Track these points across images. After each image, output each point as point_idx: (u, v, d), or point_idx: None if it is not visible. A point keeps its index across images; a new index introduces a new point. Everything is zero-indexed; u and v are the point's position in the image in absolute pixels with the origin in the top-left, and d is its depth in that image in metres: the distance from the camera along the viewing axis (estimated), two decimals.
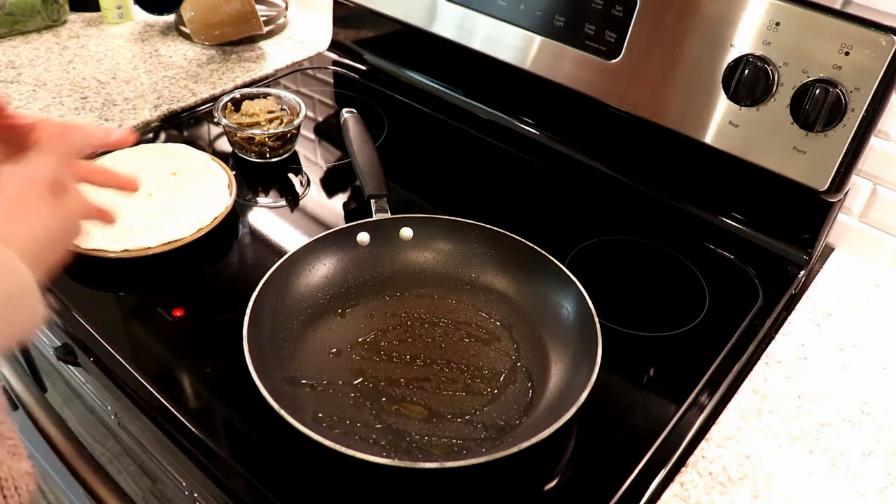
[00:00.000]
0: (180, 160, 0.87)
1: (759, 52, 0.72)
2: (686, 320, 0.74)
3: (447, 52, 1.01)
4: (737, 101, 0.75)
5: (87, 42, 1.21)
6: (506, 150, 1.00)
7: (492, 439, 0.60)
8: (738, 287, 0.79)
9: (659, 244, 0.85)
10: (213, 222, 0.78)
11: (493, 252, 0.76)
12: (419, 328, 0.70)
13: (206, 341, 0.69)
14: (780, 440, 0.63)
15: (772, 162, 0.76)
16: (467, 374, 0.66)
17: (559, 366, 0.66)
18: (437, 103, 1.08)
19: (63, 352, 0.72)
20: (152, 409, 0.62)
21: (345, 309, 0.72)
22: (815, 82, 0.69)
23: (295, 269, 0.71)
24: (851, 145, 0.71)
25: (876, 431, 0.65)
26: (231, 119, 0.93)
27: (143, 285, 0.74)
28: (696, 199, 0.88)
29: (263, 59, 1.18)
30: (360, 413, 0.62)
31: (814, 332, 0.75)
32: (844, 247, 0.87)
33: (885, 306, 0.79)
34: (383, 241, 0.77)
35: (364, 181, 0.84)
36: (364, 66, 1.16)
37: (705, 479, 0.60)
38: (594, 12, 0.82)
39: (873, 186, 0.82)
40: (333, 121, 1.03)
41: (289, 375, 0.64)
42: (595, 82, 0.86)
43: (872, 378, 0.70)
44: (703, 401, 0.66)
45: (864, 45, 0.67)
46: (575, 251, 0.82)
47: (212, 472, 0.58)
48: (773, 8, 0.71)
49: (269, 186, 0.91)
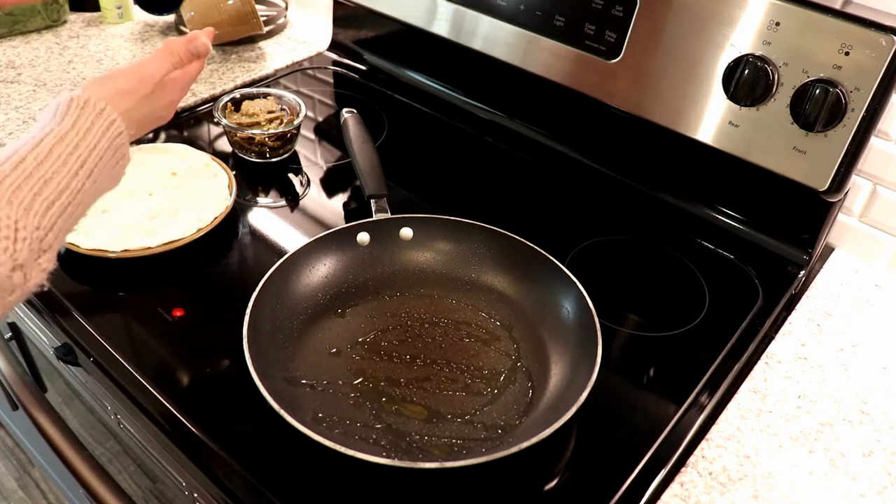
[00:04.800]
0: (180, 160, 0.87)
1: (759, 52, 0.72)
2: (686, 320, 0.74)
3: (447, 52, 1.01)
4: (737, 101, 0.75)
5: (87, 42, 1.21)
6: (506, 150, 1.00)
7: (492, 439, 0.60)
8: (738, 287, 0.79)
9: (659, 244, 0.85)
10: (213, 222, 0.78)
11: (493, 252, 0.76)
12: (419, 328, 0.70)
13: (206, 341, 0.68)
14: (780, 440, 0.63)
15: (772, 162, 0.76)
16: (467, 374, 0.66)
17: (559, 366, 0.66)
18: (437, 103, 1.08)
19: (63, 352, 0.72)
20: (152, 409, 0.62)
21: (345, 309, 0.72)
22: (815, 82, 0.70)
23: (295, 269, 0.71)
24: (851, 145, 0.71)
25: (876, 431, 0.65)
26: (231, 119, 0.93)
27: (143, 285, 0.74)
28: (696, 199, 0.88)
29: (263, 59, 1.18)
30: (360, 413, 0.62)
31: (814, 332, 0.75)
32: (844, 247, 0.87)
33: (885, 306, 0.79)
34: (383, 241, 0.77)
35: (364, 181, 0.84)
36: (364, 66, 1.16)
37: (705, 479, 0.60)
38: (594, 12, 0.82)
39: (873, 186, 0.82)
40: (333, 121, 1.03)
41: (289, 375, 0.64)
42: (595, 82, 0.86)
43: (872, 378, 0.70)
44: (703, 401, 0.66)
45: (864, 45, 0.67)
46: (575, 251, 0.82)
47: (212, 472, 0.58)
48: (773, 8, 0.71)
49: (269, 186, 0.91)
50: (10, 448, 1.54)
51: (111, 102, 0.54)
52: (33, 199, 0.45)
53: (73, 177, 0.48)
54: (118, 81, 0.58)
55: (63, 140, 0.49)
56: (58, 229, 0.47)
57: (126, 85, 0.58)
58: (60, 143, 0.49)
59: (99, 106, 0.52)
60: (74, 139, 0.49)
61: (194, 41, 0.65)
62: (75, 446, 0.76)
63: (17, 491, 1.47)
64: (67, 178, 0.48)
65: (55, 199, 0.47)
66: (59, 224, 0.47)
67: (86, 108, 0.51)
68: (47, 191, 0.46)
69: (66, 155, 0.48)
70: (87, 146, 0.50)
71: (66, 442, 0.76)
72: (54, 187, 0.47)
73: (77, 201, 0.49)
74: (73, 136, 0.49)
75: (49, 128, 0.49)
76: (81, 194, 0.49)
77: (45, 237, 0.46)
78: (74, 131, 0.50)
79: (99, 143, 0.51)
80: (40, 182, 0.46)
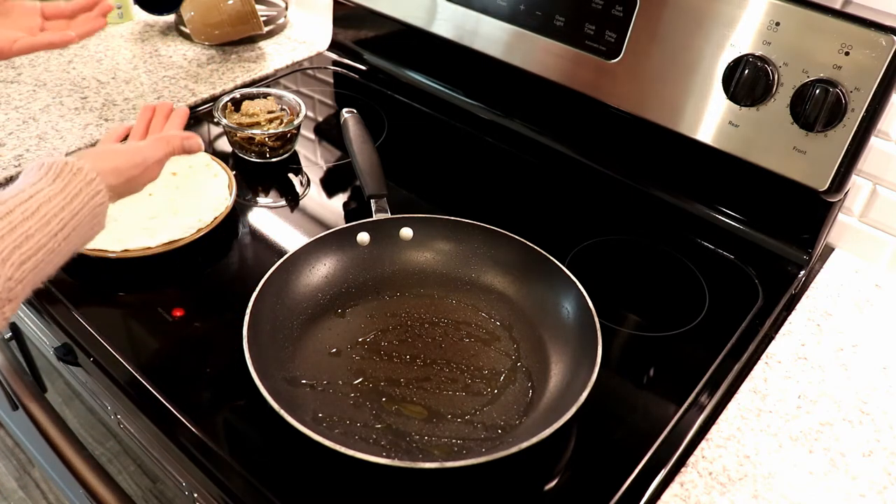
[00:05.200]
0: (180, 160, 0.86)
1: (759, 52, 0.72)
2: (686, 320, 0.74)
3: (447, 52, 1.01)
4: (737, 101, 0.75)
5: (87, 42, 1.21)
6: (506, 150, 1.00)
7: (492, 439, 0.60)
8: (738, 287, 0.79)
9: (659, 244, 0.85)
10: (213, 222, 0.78)
11: (493, 252, 0.76)
12: (419, 328, 0.70)
13: (206, 341, 0.69)
14: (780, 440, 0.63)
15: (772, 162, 0.76)
16: (467, 374, 0.66)
17: (559, 366, 0.66)
18: (437, 103, 1.08)
19: (63, 352, 0.72)
20: (152, 409, 0.62)
21: (345, 309, 0.72)
22: (815, 82, 0.70)
23: (295, 269, 0.71)
24: (851, 145, 0.71)
25: (876, 431, 0.65)
26: (231, 119, 0.93)
27: (143, 285, 0.74)
28: (696, 199, 0.88)
29: (263, 59, 1.18)
30: (360, 413, 0.62)
31: (814, 332, 0.75)
32: (844, 247, 0.87)
33: (885, 306, 0.79)
34: (383, 241, 0.77)
35: (364, 181, 0.84)
36: (364, 66, 1.16)
37: (705, 479, 0.60)
38: (594, 12, 0.82)
39: (873, 186, 0.82)
40: (333, 121, 1.03)
41: (289, 375, 0.64)
42: (595, 82, 0.86)
43: (872, 378, 0.70)
44: (703, 401, 0.66)
45: (864, 45, 0.67)
46: (575, 251, 0.82)
47: (212, 472, 0.58)
48: (773, 8, 0.71)
49: (269, 186, 0.91)
50: (10, 448, 1.54)
51: (102, 175, 0.57)
52: (12, 252, 0.48)
53: (52, 237, 0.51)
54: (115, 160, 0.61)
55: (51, 201, 0.52)
56: (26, 282, 0.49)
57: (122, 165, 0.61)
58: (48, 203, 0.51)
59: (90, 176, 0.55)
60: (61, 202, 0.52)
61: (191, 140, 0.68)
62: (75, 446, 0.76)
63: (17, 491, 1.47)
64: (47, 237, 0.50)
65: (32, 255, 0.49)
66: (30, 278, 0.49)
67: (77, 175, 0.54)
68: (27, 245, 0.49)
69: (51, 216, 0.51)
70: (71, 211, 0.53)
71: (66, 442, 0.77)
72: (34, 243, 0.49)
73: (49, 259, 0.51)
74: (60, 199, 0.52)
75: (40, 186, 0.52)
76: (55, 254, 0.51)
77: (14, 288, 0.48)
78: (63, 195, 0.53)
79: (82, 209, 0.54)
80: (22, 237, 0.49)
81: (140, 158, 0.63)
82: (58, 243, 0.51)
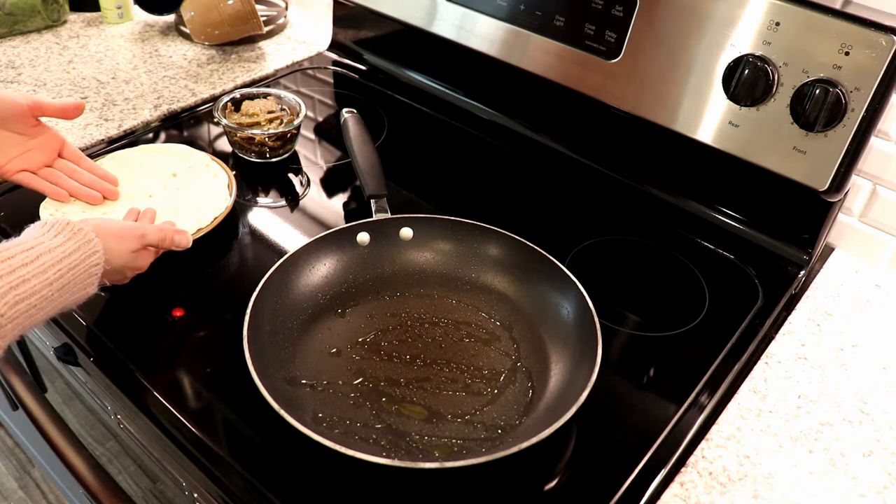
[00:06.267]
0: (180, 160, 0.87)
1: (759, 52, 0.72)
2: (686, 320, 0.74)
3: (447, 52, 1.01)
4: (737, 101, 0.75)
5: (87, 42, 1.21)
6: (506, 150, 1.00)
7: (492, 439, 0.60)
8: (738, 287, 0.79)
9: (659, 244, 0.85)
10: (213, 222, 0.78)
11: (492, 252, 0.76)
12: (419, 328, 0.70)
13: (206, 341, 0.69)
14: (780, 440, 0.63)
15: (772, 162, 0.76)
16: (467, 374, 0.66)
17: (559, 366, 0.66)
18: (437, 103, 1.08)
19: (63, 352, 0.72)
20: (152, 409, 0.62)
21: (345, 309, 0.72)
22: (815, 82, 0.70)
23: (295, 269, 0.71)
24: (851, 145, 0.71)
25: (876, 431, 0.65)
26: (231, 119, 0.93)
27: (144, 285, 0.74)
28: (696, 199, 0.88)
29: (263, 59, 1.18)
30: (360, 413, 0.62)
31: (814, 332, 0.75)
32: (844, 247, 0.87)
33: (885, 306, 0.79)
34: (383, 241, 0.77)
35: (364, 181, 0.84)
36: (364, 66, 1.16)
37: (705, 479, 0.60)
38: (594, 12, 0.82)
39: (873, 186, 0.82)
40: (333, 121, 1.03)
41: (289, 375, 0.64)
42: (595, 82, 0.86)
43: (872, 378, 0.70)
44: (703, 401, 0.66)
45: (864, 45, 0.67)
46: (575, 251, 0.82)
47: (212, 472, 0.58)
48: (773, 8, 0.71)
49: (269, 186, 0.91)
50: (10, 448, 1.54)
51: (102, 238, 0.60)
52: (7, 291, 0.51)
53: (48, 285, 0.54)
54: (117, 228, 0.64)
55: (51, 252, 0.55)
56: (17, 324, 0.51)
57: (123, 233, 0.64)
58: (48, 254, 0.55)
59: (89, 236, 0.59)
60: (60, 255, 0.56)
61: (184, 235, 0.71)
62: (75, 446, 0.76)
63: (17, 491, 1.47)
64: (42, 284, 0.53)
65: (25, 298, 0.52)
66: (20, 320, 0.52)
67: (77, 234, 0.58)
68: (23, 288, 0.52)
69: (49, 265, 0.54)
70: (68, 264, 0.56)
71: (66, 442, 0.77)
72: (29, 287, 0.52)
73: (41, 306, 0.54)
74: (59, 251, 0.56)
75: (42, 239, 0.56)
76: (47, 301, 0.54)
77: (4, 325, 0.50)
78: (62, 248, 0.56)
79: (79, 265, 0.57)
80: (20, 279, 0.52)
81: (139, 233, 0.66)
82: (52, 292, 0.54)
